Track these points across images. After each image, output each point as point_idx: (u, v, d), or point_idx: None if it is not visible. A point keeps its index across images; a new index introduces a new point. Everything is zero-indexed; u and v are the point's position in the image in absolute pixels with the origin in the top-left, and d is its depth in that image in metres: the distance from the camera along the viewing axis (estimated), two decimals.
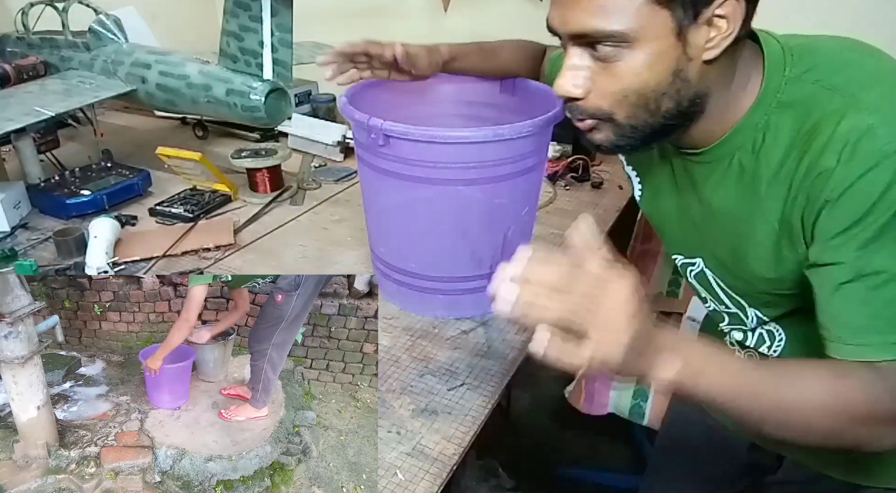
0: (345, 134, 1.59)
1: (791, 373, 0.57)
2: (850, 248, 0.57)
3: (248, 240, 1.31)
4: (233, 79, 1.37)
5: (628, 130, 0.64)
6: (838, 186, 0.56)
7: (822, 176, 0.57)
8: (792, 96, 0.61)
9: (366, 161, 0.97)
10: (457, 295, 1.04)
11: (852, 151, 0.55)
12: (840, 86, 0.59)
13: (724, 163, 0.67)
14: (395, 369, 0.94)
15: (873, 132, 0.55)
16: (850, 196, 0.56)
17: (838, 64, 0.61)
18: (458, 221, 0.96)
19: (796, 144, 0.60)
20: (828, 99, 0.59)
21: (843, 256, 0.57)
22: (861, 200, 0.56)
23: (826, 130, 0.57)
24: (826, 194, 0.57)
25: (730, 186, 0.68)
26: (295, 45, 1.38)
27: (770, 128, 0.63)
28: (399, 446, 0.81)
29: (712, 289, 0.78)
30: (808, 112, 0.60)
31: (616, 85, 0.61)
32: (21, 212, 1.39)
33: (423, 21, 1.96)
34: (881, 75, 0.60)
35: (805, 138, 0.60)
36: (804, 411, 0.56)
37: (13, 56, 1.65)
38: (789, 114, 0.61)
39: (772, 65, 0.63)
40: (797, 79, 0.61)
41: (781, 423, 0.58)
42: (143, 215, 1.40)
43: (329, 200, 1.49)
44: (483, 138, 0.86)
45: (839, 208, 0.57)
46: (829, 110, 0.58)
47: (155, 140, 1.70)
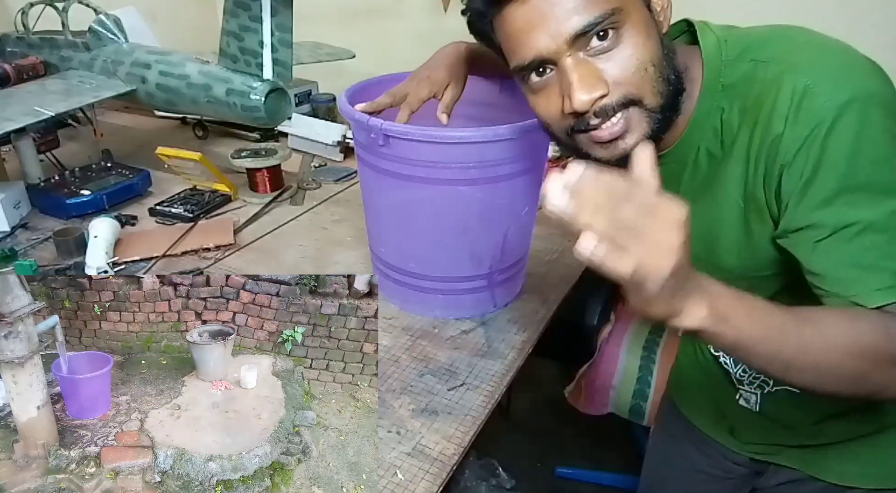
0: (345, 134, 1.59)
1: (814, 317, 0.56)
2: (816, 206, 0.57)
3: (248, 240, 1.31)
4: (233, 79, 1.37)
5: (657, 112, 0.62)
6: (790, 149, 0.58)
7: (773, 142, 0.59)
8: (733, 77, 0.64)
9: (366, 161, 0.97)
10: (457, 295, 1.04)
11: (796, 113, 0.57)
12: (773, 57, 0.61)
13: (692, 155, 0.69)
14: (395, 369, 0.94)
15: (812, 92, 0.57)
16: (802, 156, 0.57)
17: (769, 40, 0.64)
18: (458, 221, 0.96)
19: (745, 119, 0.62)
20: (763, 70, 0.61)
21: (813, 217, 0.58)
22: (813, 158, 0.57)
23: (769, 97, 0.59)
24: (780, 159, 0.59)
25: (701, 176, 0.69)
26: (295, 45, 1.38)
27: (724, 110, 0.64)
28: (399, 446, 0.81)
29: None
30: (750, 87, 0.62)
31: (632, 62, 0.60)
32: (21, 212, 1.39)
33: (423, 21, 1.96)
34: (811, 44, 0.62)
35: (752, 111, 0.61)
36: (829, 353, 0.55)
37: (13, 56, 1.65)
38: (734, 92, 0.63)
39: (709, 54, 0.65)
40: (734, 61, 0.64)
41: (807, 367, 0.56)
42: (143, 215, 1.40)
43: (329, 200, 1.49)
44: (483, 138, 0.86)
45: (795, 170, 0.58)
46: (767, 80, 0.60)
47: (155, 140, 1.70)
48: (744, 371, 0.82)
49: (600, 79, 0.60)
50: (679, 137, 0.68)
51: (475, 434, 0.83)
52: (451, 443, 0.81)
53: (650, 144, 0.53)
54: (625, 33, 0.60)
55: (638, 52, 0.60)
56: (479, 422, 0.85)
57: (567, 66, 0.61)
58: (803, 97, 0.57)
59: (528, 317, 1.06)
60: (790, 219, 0.60)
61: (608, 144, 0.63)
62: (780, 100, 0.58)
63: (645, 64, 0.60)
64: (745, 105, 0.63)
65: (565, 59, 0.60)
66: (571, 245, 1.36)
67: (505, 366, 0.95)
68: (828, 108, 0.56)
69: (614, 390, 1.61)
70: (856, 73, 0.58)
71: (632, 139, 0.63)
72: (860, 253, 0.57)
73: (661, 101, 0.62)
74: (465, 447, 0.81)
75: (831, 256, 0.58)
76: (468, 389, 0.90)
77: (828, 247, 0.58)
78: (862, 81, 0.57)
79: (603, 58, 0.60)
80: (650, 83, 0.61)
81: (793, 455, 0.84)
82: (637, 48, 0.60)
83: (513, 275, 1.08)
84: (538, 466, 1.91)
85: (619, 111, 0.62)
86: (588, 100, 0.60)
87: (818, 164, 0.57)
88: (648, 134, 0.63)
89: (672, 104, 0.63)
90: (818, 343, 0.55)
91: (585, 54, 0.60)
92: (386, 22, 2.05)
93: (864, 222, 0.56)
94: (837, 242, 0.57)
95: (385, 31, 2.05)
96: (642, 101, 0.62)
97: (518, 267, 1.09)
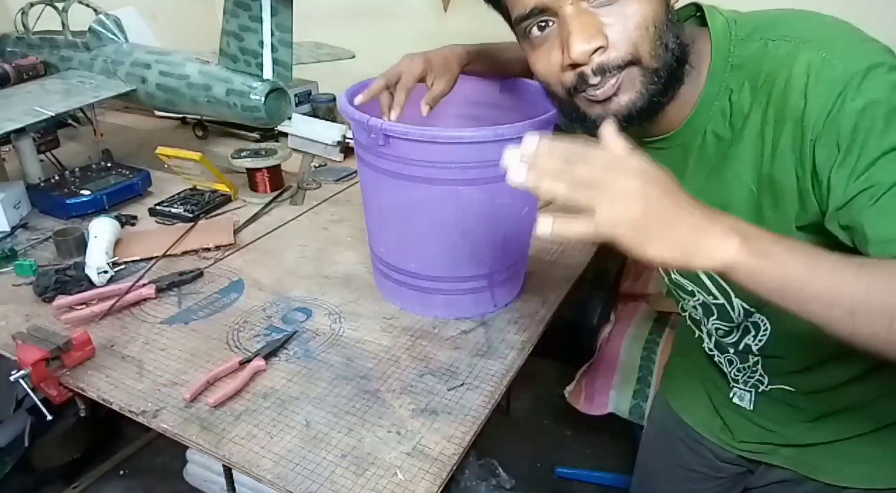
0: (345, 134, 1.59)
1: (870, 259, 0.51)
2: (863, 169, 0.53)
3: (248, 240, 1.31)
4: (233, 79, 1.37)
5: (653, 75, 0.61)
6: (818, 122, 0.55)
7: (795, 120, 0.57)
8: (742, 57, 0.62)
9: (366, 161, 0.97)
10: (457, 295, 1.04)
11: (815, 85, 0.55)
12: (784, 35, 0.60)
13: (698, 139, 0.67)
14: (395, 369, 0.94)
15: (830, 63, 0.55)
16: (831, 125, 0.55)
17: (779, 20, 0.63)
18: (458, 221, 0.96)
19: (757, 99, 0.61)
20: (775, 48, 0.60)
21: (862, 182, 0.53)
22: (847, 123, 0.54)
23: (782, 75, 0.58)
24: (810, 135, 0.56)
25: (708, 160, 0.67)
26: (295, 45, 1.38)
27: (732, 91, 0.63)
28: (399, 446, 0.81)
29: (699, 279, 0.76)
30: (760, 65, 0.60)
31: (633, 20, 0.59)
32: (21, 212, 1.39)
33: (423, 21, 1.96)
34: (823, 23, 0.61)
35: (764, 90, 0.60)
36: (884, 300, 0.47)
37: (13, 56, 1.65)
38: (743, 73, 0.62)
39: (717, 34, 0.64)
40: (744, 40, 0.62)
41: (873, 312, 0.48)
42: (143, 215, 1.40)
43: (329, 200, 1.49)
44: (483, 138, 0.86)
45: (829, 141, 0.55)
46: (780, 56, 0.59)
47: (155, 140, 1.70)
48: (738, 371, 0.82)
49: (600, 30, 0.59)
50: (685, 120, 0.67)
51: (475, 434, 0.83)
52: (451, 443, 0.81)
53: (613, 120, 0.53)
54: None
55: (641, 9, 0.59)
56: (479, 422, 0.85)
57: (568, 14, 0.60)
58: (821, 68, 0.55)
59: (528, 317, 1.06)
60: (836, 193, 0.55)
61: (604, 103, 0.63)
62: (796, 75, 0.56)
63: (647, 22, 0.59)
64: (756, 84, 0.61)
65: (566, 8, 0.59)
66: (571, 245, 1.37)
67: (505, 366, 0.95)
68: (849, 73, 0.54)
69: (614, 390, 1.61)
70: (870, 47, 0.57)
71: (625, 97, 0.62)
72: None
73: (658, 64, 0.61)
74: (465, 447, 0.81)
75: (887, 213, 0.52)
76: (468, 389, 0.90)
77: (887, 204, 0.52)
78: (877, 53, 0.56)
79: (605, 10, 0.59)
80: (650, 43, 0.60)
81: (785, 455, 0.83)
82: (640, 5, 0.59)
83: (513, 275, 1.08)
84: (538, 466, 1.91)
85: (617, 71, 0.61)
86: (587, 50, 0.59)
87: (850, 129, 0.54)
88: (643, 93, 0.62)
89: (672, 74, 0.62)
90: (882, 285, 0.48)
91: (588, 4, 0.60)
92: (386, 22, 2.05)
93: None
94: (890, 200, 0.52)
95: (385, 31, 2.05)
96: (641, 61, 0.61)
97: (518, 267, 1.09)
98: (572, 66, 0.61)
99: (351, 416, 0.86)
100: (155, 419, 0.85)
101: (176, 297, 1.12)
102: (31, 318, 1.05)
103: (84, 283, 1.12)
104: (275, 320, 1.05)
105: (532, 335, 1.02)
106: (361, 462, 0.79)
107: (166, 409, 0.87)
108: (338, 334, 1.02)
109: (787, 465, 0.84)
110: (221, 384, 0.90)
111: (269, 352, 0.96)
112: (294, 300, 1.11)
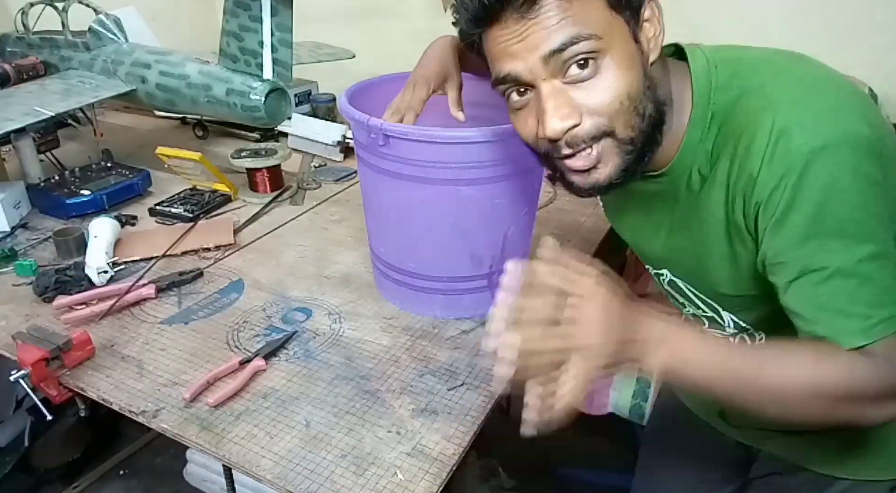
0: (345, 134, 1.59)
1: (775, 356, 0.60)
2: (789, 246, 0.59)
3: (248, 240, 1.31)
4: (233, 79, 1.37)
5: (629, 145, 0.64)
6: (765, 189, 0.58)
7: (750, 178, 0.59)
8: (720, 104, 0.64)
9: (366, 161, 0.97)
10: (456, 295, 1.04)
11: (772, 154, 0.57)
12: (757, 88, 0.61)
13: (685, 178, 0.69)
14: (395, 369, 0.94)
15: (789, 133, 0.57)
16: (775, 197, 0.58)
17: (757, 67, 0.64)
18: (458, 221, 0.96)
19: (726, 147, 0.63)
20: (747, 101, 0.61)
21: (783, 256, 0.59)
22: (785, 201, 0.57)
23: (748, 132, 0.60)
24: (756, 197, 0.59)
25: (692, 198, 0.69)
26: (295, 45, 1.38)
27: (714, 135, 0.65)
28: (399, 446, 0.81)
29: (686, 295, 0.79)
30: (734, 116, 0.62)
31: (607, 94, 0.61)
32: (21, 212, 1.39)
33: (423, 21, 1.96)
34: (798, 77, 0.62)
35: (733, 140, 0.62)
36: (786, 393, 0.58)
37: (13, 56, 1.65)
38: (720, 120, 0.64)
39: (699, 79, 0.65)
40: (723, 86, 0.64)
41: (766, 404, 0.61)
42: (143, 215, 1.40)
43: (329, 200, 1.49)
44: (483, 138, 0.86)
45: (769, 209, 0.59)
46: (748, 111, 0.61)
47: (155, 140, 1.70)
48: None
49: (574, 109, 0.62)
50: (672, 160, 0.68)
51: (475, 434, 0.83)
52: (451, 443, 0.81)
53: (549, 238, 0.61)
54: (603, 64, 0.61)
55: (615, 84, 0.61)
56: (479, 422, 0.85)
57: (544, 92, 0.62)
58: (780, 137, 0.57)
59: None
60: (765, 254, 0.61)
61: (584, 173, 0.66)
62: (758, 138, 0.58)
63: (620, 97, 0.61)
64: (728, 131, 0.63)
65: (542, 84, 0.62)
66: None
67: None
68: (802, 152, 0.56)
69: (614, 390, 1.61)
70: (838, 115, 0.57)
71: (605, 170, 0.65)
72: (829, 298, 0.58)
73: (633, 134, 0.63)
74: (465, 447, 0.81)
75: (802, 297, 0.59)
76: (468, 389, 0.90)
77: (798, 288, 0.59)
78: (842, 124, 0.57)
79: (580, 87, 0.61)
80: (623, 116, 0.62)
81: (777, 442, 0.84)
82: (615, 80, 0.61)
83: None
84: (538, 466, 1.91)
85: (590, 143, 0.63)
86: (560, 129, 0.62)
87: (789, 207, 0.57)
88: (622, 166, 0.65)
89: (649, 138, 0.64)
90: (776, 384, 0.58)
91: (563, 81, 0.61)
92: (386, 22, 2.05)
93: (832, 268, 0.57)
94: (807, 285, 0.59)
95: (385, 31, 2.05)
96: (614, 132, 0.63)
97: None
98: (548, 140, 0.64)
99: (351, 416, 0.86)
100: (155, 419, 0.85)
101: (176, 297, 1.12)
102: (31, 318, 1.06)
103: (84, 283, 1.12)
104: (275, 320, 1.06)
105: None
106: (361, 462, 0.79)
107: (166, 409, 0.87)
108: (338, 334, 1.02)
109: (781, 453, 0.85)
110: (221, 384, 0.90)
111: (269, 352, 0.96)
112: (294, 300, 1.11)
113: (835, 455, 0.79)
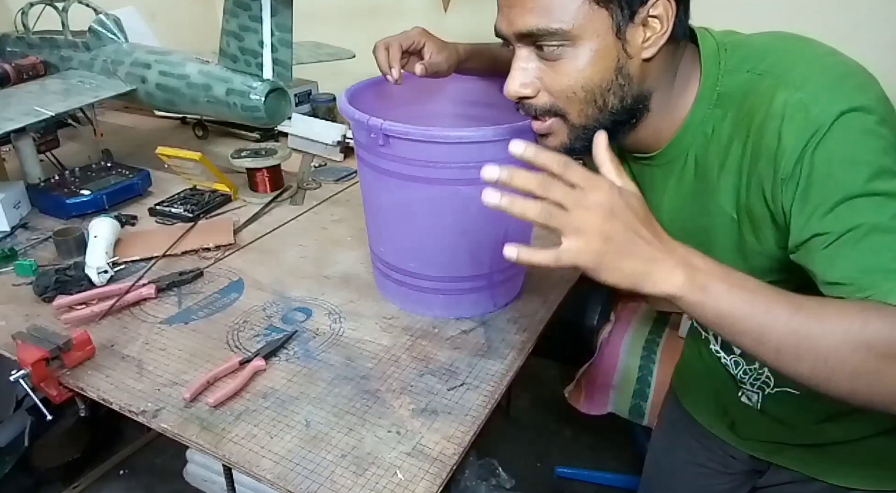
0: (345, 134, 1.59)
1: (813, 300, 0.53)
2: (819, 215, 0.57)
3: (247, 240, 1.31)
4: (233, 79, 1.37)
5: (580, 130, 0.67)
6: (787, 163, 0.58)
7: (768, 157, 0.59)
8: (729, 87, 0.64)
9: (366, 161, 0.97)
10: (457, 295, 1.04)
11: (788, 127, 0.57)
12: (767, 69, 0.62)
13: (680, 161, 0.69)
14: (395, 369, 0.94)
15: (803, 104, 0.57)
16: (800, 170, 0.57)
17: (766, 50, 0.64)
18: (458, 221, 0.96)
19: (737, 131, 0.63)
20: (757, 83, 0.62)
21: (816, 226, 0.57)
22: (808, 168, 0.57)
23: (760, 111, 0.60)
24: (780, 174, 0.59)
25: (688, 183, 0.70)
26: (295, 45, 1.37)
27: (716, 120, 0.65)
28: (399, 446, 0.81)
29: None
30: (744, 99, 0.63)
31: (563, 82, 0.64)
32: (21, 212, 1.39)
33: (423, 21, 1.93)
34: (805, 56, 0.62)
35: (743, 123, 0.62)
36: (826, 339, 0.50)
37: (13, 56, 1.65)
38: (728, 104, 0.64)
39: (708, 61, 0.66)
40: (732, 70, 0.64)
41: (801, 354, 0.51)
42: (143, 215, 1.40)
43: (329, 200, 1.49)
44: (483, 138, 0.86)
45: (792, 182, 0.58)
46: (760, 92, 0.61)
47: (155, 140, 1.70)
48: (744, 373, 0.82)
49: (533, 81, 0.66)
50: (669, 141, 0.69)
51: (475, 434, 0.83)
52: (451, 443, 0.81)
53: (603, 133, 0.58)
54: (569, 53, 0.63)
55: (574, 74, 0.64)
56: (479, 422, 0.85)
57: (518, 55, 0.67)
58: (796, 110, 0.57)
59: (528, 317, 1.06)
60: (796, 231, 0.59)
61: (541, 136, 0.71)
62: (772, 114, 0.58)
63: (575, 87, 0.64)
64: (738, 116, 0.63)
65: (519, 49, 0.66)
66: None
67: (505, 366, 0.95)
68: (820, 119, 0.56)
69: (614, 390, 1.61)
70: (848, 87, 0.58)
71: (553, 142, 0.69)
72: (870, 255, 0.54)
73: (585, 122, 0.66)
74: (465, 447, 0.81)
75: (841, 260, 0.55)
76: (468, 389, 0.90)
77: (836, 252, 0.55)
78: (854, 95, 0.57)
79: (547, 64, 0.65)
80: (577, 105, 0.65)
81: (793, 455, 0.83)
82: (574, 71, 0.63)
83: (513, 275, 1.08)
84: (538, 466, 1.91)
85: (543, 115, 0.68)
86: (513, 93, 0.67)
87: (814, 174, 0.56)
88: (566, 145, 0.68)
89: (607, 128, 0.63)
90: (815, 327, 0.51)
91: (538, 52, 0.65)
92: (386, 22, 2.04)
93: (869, 225, 0.54)
94: (845, 247, 0.55)
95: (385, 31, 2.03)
96: (566, 116, 0.66)
97: (518, 267, 1.09)
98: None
99: (351, 416, 0.86)
100: (155, 419, 0.85)
101: (176, 297, 1.12)
102: (30, 318, 1.06)
103: (84, 283, 1.12)
104: (275, 320, 1.06)
105: (532, 335, 1.02)
106: (361, 462, 0.79)
107: (166, 409, 0.87)
108: (338, 334, 1.02)
109: (794, 466, 0.84)
110: (221, 384, 0.90)
111: (269, 352, 0.96)
112: (294, 300, 1.11)
113: (851, 466, 0.78)
